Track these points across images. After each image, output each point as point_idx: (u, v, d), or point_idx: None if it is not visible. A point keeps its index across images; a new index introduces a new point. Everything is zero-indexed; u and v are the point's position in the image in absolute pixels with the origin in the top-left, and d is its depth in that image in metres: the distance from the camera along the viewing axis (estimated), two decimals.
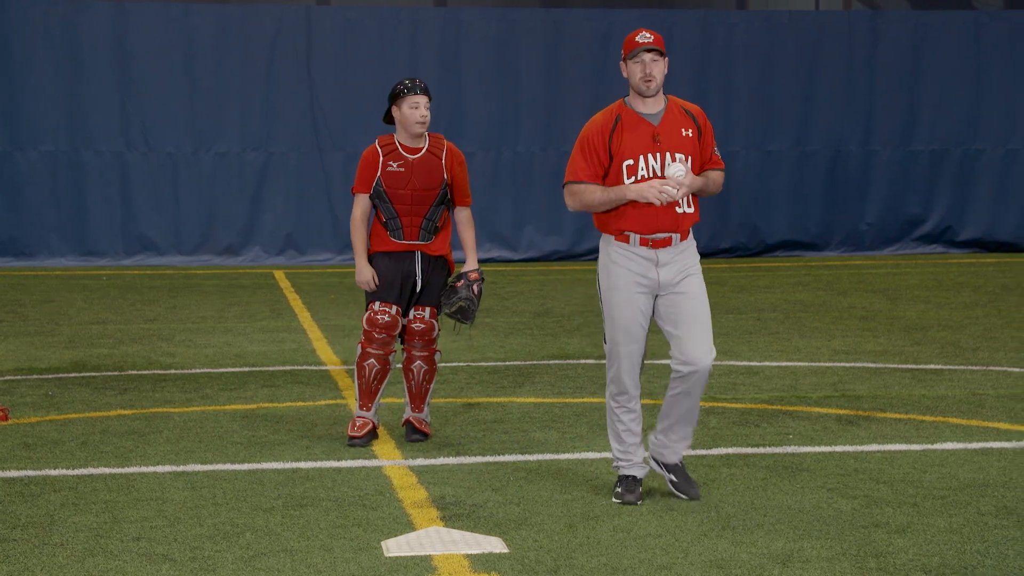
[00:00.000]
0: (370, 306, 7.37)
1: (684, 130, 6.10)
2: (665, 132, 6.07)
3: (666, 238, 6.09)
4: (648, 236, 6.08)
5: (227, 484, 6.45)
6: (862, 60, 19.44)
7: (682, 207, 6.08)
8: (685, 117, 6.13)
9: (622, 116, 6.10)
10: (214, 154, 18.52)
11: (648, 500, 6.14)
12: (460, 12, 19.31)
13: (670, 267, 6.10)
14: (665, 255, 6.10)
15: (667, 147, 6.05)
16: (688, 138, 6.10)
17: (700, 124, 6.15)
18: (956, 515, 5.84)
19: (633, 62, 6.08)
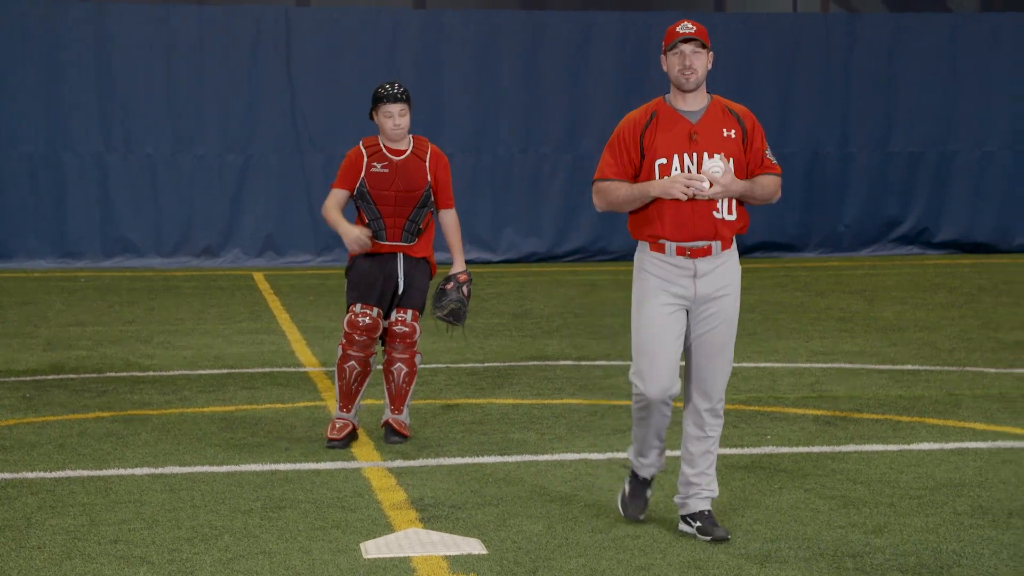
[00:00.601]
0: (351, 308, 7.38)
1: (726, 130, 5.60)
2: (703, 130, 5.58)
3: (705, 247, 5.56)
4: (685, 244, 5.56)
5: (205, 486, 6.45)
6: (839, 62, 19.52)
7: (721, 212, 5.56)
8: (728, 117, 5.64)
9: (658, 112, 5.65)
10: (193, 155, 18.48)
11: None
12: (440, 14, 19.32)
13: (709, 279, 5.58)
14: (704, 265, 5.57)
15: (704, 147, 5.55)
16: (730, 139, 5.59)
17: (747, 126, 5.65)
18: (932, 515, 5.88)
19: (672, 54, 5.61)
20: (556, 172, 19.12)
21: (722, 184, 5.48)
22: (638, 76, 19.13)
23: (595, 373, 9.64)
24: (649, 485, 5.87)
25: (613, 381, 9.28)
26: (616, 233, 19.21)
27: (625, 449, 7.17)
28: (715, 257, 5.58)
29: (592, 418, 8.03)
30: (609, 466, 6.82)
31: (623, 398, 8.65)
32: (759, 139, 5.66)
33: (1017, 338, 11.21)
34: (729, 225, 5.59)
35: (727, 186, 5.48)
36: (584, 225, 19.18)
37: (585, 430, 7.69)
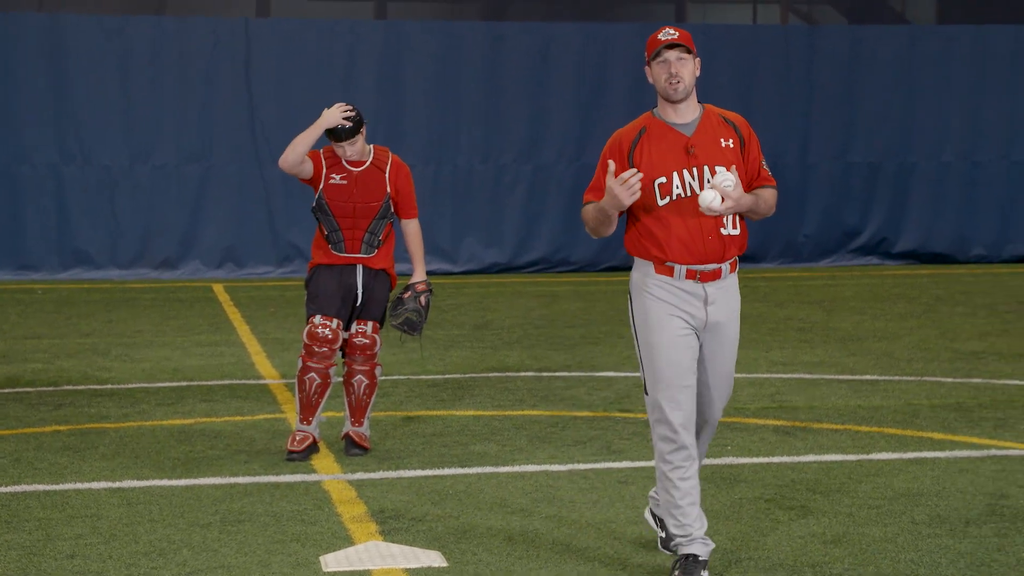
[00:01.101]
0: (310, 319, 7.35)
1: (723, 140, 5.21)
2: (700, 143, 5.19)
3: (715, 270, 5.18)
4: (696, 267, 5.16)
5: (163, 500, 6.40)
6: (799, 74, 19.63)
7: (727, 228, 5.17)
8: (724, 126, 5.25)
9: (648, 127, 5.25)
10: (151, 167, 18.36)
11: (589, 510, 6.16)
12: (400, 25, 19.30)
13: (719, 305, 5.21)
14: (714, 291, 5.20)
15: (704, 160, 5.15)
16: (728, 150, 5.21)
17: (743, 135, 5.27)
18: (891, 524, 5.90)
19: (656, 63, 5.19)
20: (517, 182, 19.13)
21: (733, 198, 5.07)
22: (598, 87, 19.19)
23: (556, 384, 9.64)
24: (703, 564, 5.16)
25: (574, 392, 9.28)
26: (578, 244, 19.23)
27: (586, 460, 7.17)
28: (723, 281, 5.22)
29: (553, 429, 8.03)
30: (570, 477, 6.82)
31: (583, 409, 8.65)
32: (755, 149, 5.30)
33: (974, 348, 11.29)
34: (735, 242, 5.21)
35: (738, 200, 5.09)
36: (545, 236, 19.19)
37: (546, 441, 7.68)
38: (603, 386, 9.53)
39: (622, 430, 7.97)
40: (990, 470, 6.88)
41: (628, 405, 8.76)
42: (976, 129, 20.09)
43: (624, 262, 19.25)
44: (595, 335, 12.29)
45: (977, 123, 20.09)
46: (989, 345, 11.45)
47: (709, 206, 5.05)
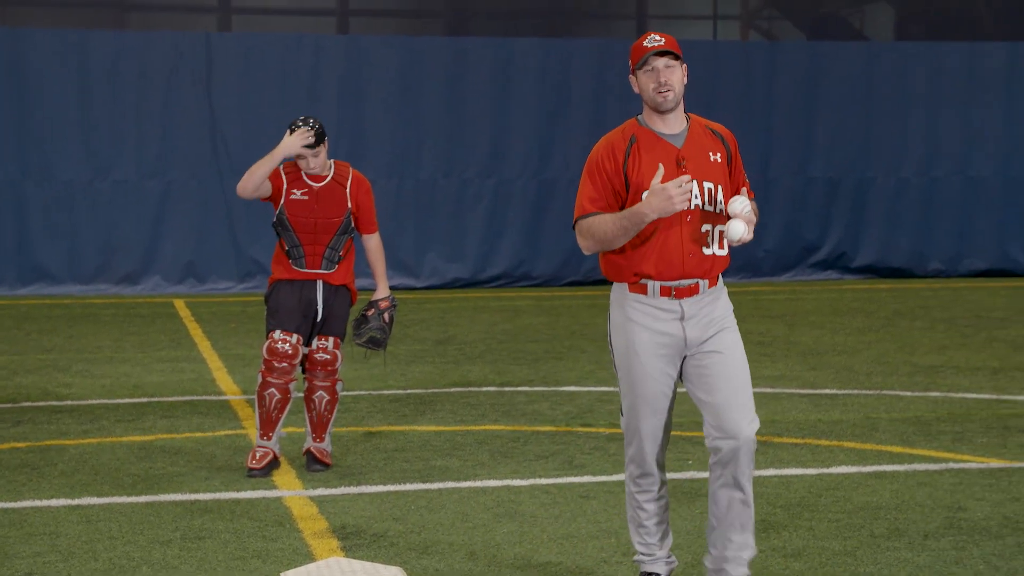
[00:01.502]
0: (270, 335, 7.34)
1: (712, 154, 5.01)
2: (690, 155, 4.98)
3: (692, 285, 4.96)
4: (670, 283, 4.96)
5: (123, 517, 6.37)
6: (760, 89, 19.75)
7: (712, 247, 4.96)
8: (712, 139, 5.06)
9: (638, 137, 5.01)
10: (112, 182, 18.27)
11: (551, 524, 6.17)
12: (362, 39, 19.30)
13: (697, 321, 4.97)
14: (691, 306, 4.96)
15: (693, 174, 4.93)
16: (716, 164, 5.00)
17: (731, 148, 5.08)
18: (850, 538, 5.94)
19: (644, 72, 4.98)
20: (479, 197, 19.16)
21: (753, 224, 4.92)
22: (560, 102, 19.25)
23: (518, 399, 9.65)
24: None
25: (536, 407, 9.30)
26: (540, 258, 19.28)
27: (547, 475, 7.19)
28: (702, 296, 4.98)
29: (515, 444, 8.04)
30: (532, 492, 6.83)
31: (546, 424, 8.67)
32: (741, 163, 5.15)
33: (932, 361, 11.38)
34: (720, 261, 5.01)
35: (751, 225, 4.93)
36: (507, 250, 19.23)
37: (508, 456, 7.69)
38: (565, 401, 9.55)
39: (584, 445, 7.99)
40: (948, 483, 6.94)
41: (590, 420, 8.79)
42: (933, 145, 20.28)
43: (586, 276, 19.32)
44: (557, 350, 12.31)
45: (934, 139, 20.28)
46: (947, 359, 11.54)
47: (742, 238, 4.87)
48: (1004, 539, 5.89)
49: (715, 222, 4.97)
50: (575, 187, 21.61)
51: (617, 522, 6.22)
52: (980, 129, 20.37)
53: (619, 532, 6.05)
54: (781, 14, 25.42)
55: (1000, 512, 6.34)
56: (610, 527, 6.14)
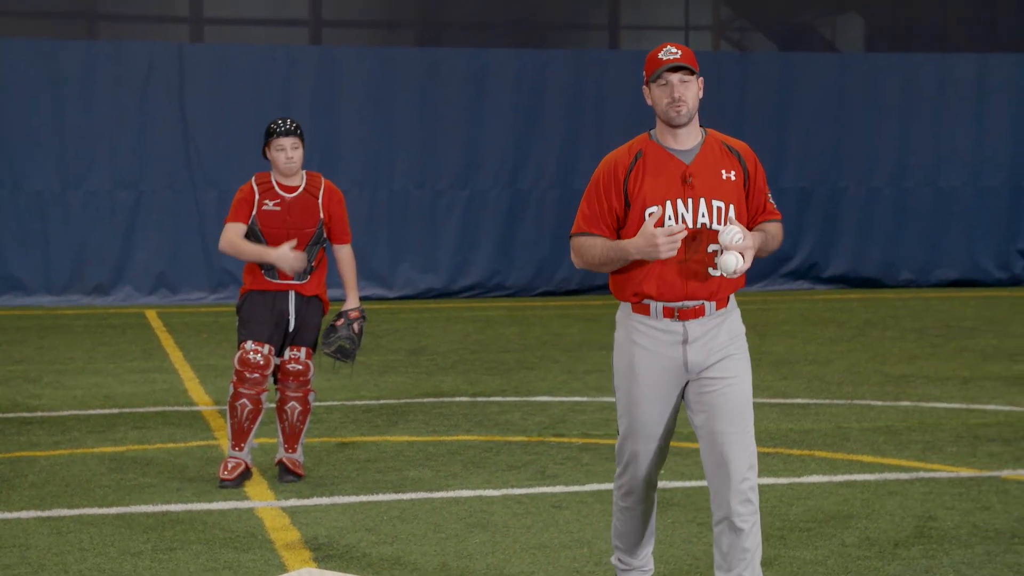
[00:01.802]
0: (242, 345, 7.32)
1: (725, 172, 4.81)
2: (699, 172, 4.78)
3: (696, 307, 4.79)
4: (673, 304, 4.79)
5: (94, 529, 6.34)
6: (731, 100, 19.82)
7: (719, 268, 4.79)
8: (727, 155, 4.85)
9: (645, 152, 4.83)
10: (84, 192, 18.21)
11: (523, 534, 6.17)
12: (335, 50, 19.29)
13: (701, 344, 4.80)
14: (696, 328, 4.79)
15: (701, 192, 4.76)
16: (730, 182, 4.79)
17: (748, 166, 4.86)
18: (821, 547, 5.97)
19: (657, 85, 4.82)
20: (452, 208, 19.17)
21: (750, 248, 4.71)
22: (533, 113, 19.29)
23: (490, 409, 9.66)
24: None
25: (508, 417, 9.30)
26: (512, 269, 19.30)
27: (520, 485, 7.20)
28: (708, 318, 4.79)
29: (487, 454, 8.04)
30: (504, 502, 6.83)
31: (518, 434, 8.68)
32: (762, 181, 4.88)
33: (903, 371, 11.44)
34: (729, 282, 4.82)
35: (752, 248, 4.73)
36: (480, 261, 19.24)
37: (480, 467, 7.70)
38: (538, 411, 9.56)
39: (556, 455, 8.00)
40: (919, 492, 6.98)
41: (563, 430, 8.80)
42: (904, 155, 20.40)
43: (559, 287, 19.35)
44: (530, 360, 12.32)
45: (905, 150, 20.40)
46: (917, 368, 11.61)
47: (735, 270, 4.69)
48: (974, 548, 5.93)
49: None
50: (548, 197, 21.80)
51: (589, 532, 6.23)
52: (950, 140, 20.50)
53: (591, 542, 6.07)
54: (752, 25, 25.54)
55: (970, 521, 6.38)
56: (582, 537, 6.15)
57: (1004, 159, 20.68)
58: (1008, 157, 20.68)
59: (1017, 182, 20.72)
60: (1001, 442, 8.27)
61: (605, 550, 5.93)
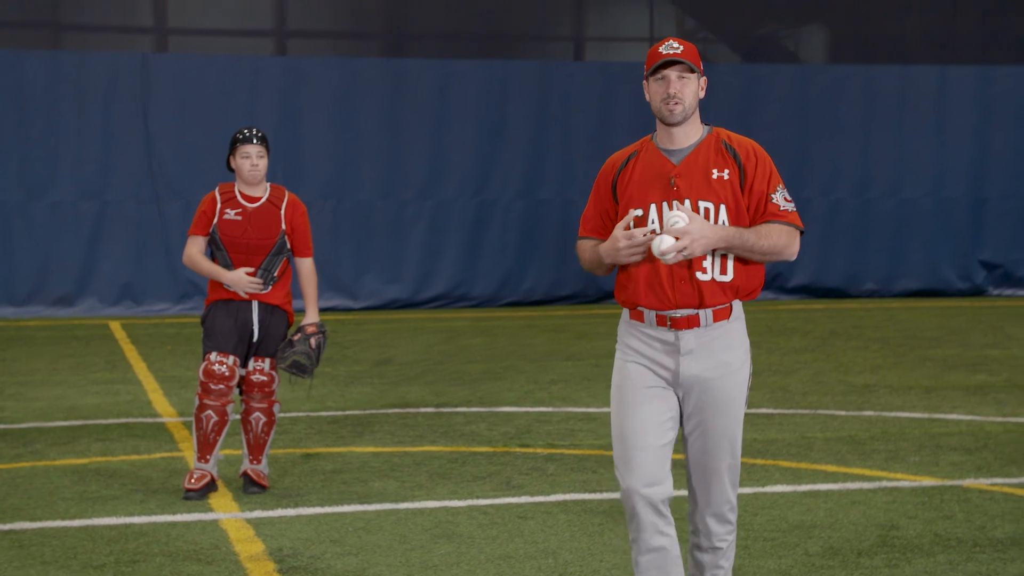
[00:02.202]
0: (207, 357, 7.30)
1: (716, 171, 4.51)
2: (686, 173, 4.51)
3: (691, 316, 4.49)
4: (665, 313, 4.51)
5: (56, 541, 6.31)
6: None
7: (710, 272, 4.48)
8: (722, 154, 4.55)
9: (640, 152, 4.62)
10: (48, 203, 18.12)
11: (488, 545, 6.18)
12: (300, 61, 19.28)
13: (697, 357, 4.50)
14: (690, 340, 4.49)
15: (686, 193, 4.49)
16: (721, 181, 4.49)
17: (743, 162, 4.53)
18: (785, 556, 6.00)
19: (655, 80, 4.58)
20: (418, 218, 19.17)
21: (690, 235, 4.33)
22: (498, 124, 19.32)
23: (456, 420, 9.66)
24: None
25: (473, 428, 9.31)
26: (478, 279, 19.31)
27: (485, 496, 7.20)
28: (705, 329, 4.49)
29: (453, 465, 8.04)
30: (469, 513, 6.83)
31: (483, 445, 8.68)
32: (762, 179, 4.55)
33: (866, 381, 11.51)
34: (721, 289, 4.48)
35: (695, 240, 4.34)
36: (446, 271, 19.24)
37: (446, 478, 7.69)
38: (503, 421, 9.57)
39: (522, 465, 8.01)
40: (882, 502, 7.02)
41: (528, 440, 8.81)
42: (866, 166, 20.54)
43: (525, 297, 19.38)
44: (496, 370, 12.33)
45: (867, 161, 20.55)
46: (881, 378, 11.68)
47: (660, 251, 4.35)
48: (936, 556, 5.97)
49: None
50: (514, 208, 21.83)
51: (555, 542, 6.24)
52: (912, 151, 20.66)
53: (556, 552, 6.08)
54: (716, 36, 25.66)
55: (932, 530, 6.42)
56: (547, 547, 6.16)
57: (965, 170, 20.86)
58: (969, 168, 20.87)
59: (978, 193, 20.90)
60: (963, 451, 8.33)
61: (570, 560, 5.94)
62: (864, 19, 22.72)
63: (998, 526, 6.48)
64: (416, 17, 21.36)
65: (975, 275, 20.86)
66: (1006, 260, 20.97)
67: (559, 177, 19.53)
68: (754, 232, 4.48)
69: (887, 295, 20.54)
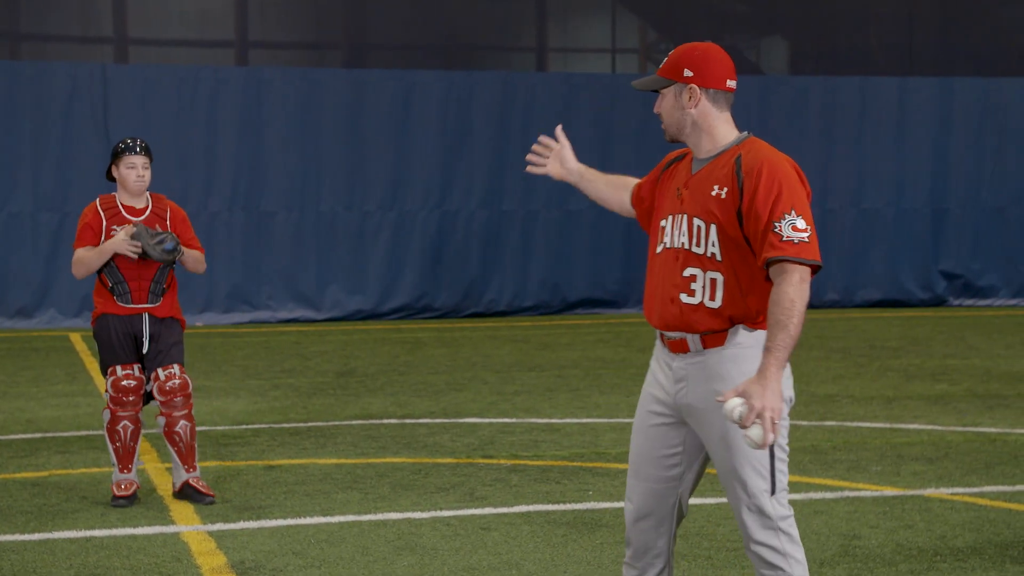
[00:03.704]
0: (111, 371, 7.34)
1: (717, 187, 4.11)
2: (694, 186, 4.18)
3: (679, 339, 4.16)
4: (665, 333, 4.21)
5: (15, 556, 6.25)
6: (657, 121, 19.91)
7: (697, 295, 4.10)
8: (727, 170, 4.12)
9: (685, 157, 4.36)
10: (7, 214, 17.98)
11: (452, 557, 6.16)
12: (262, 71, 19.22)
13: (691, 387, 4.13)
14: (683, 367, 4.15)
15: (687, 208, 4.17)
16: (718, 200, 4.10)
17: (743, 180, 4.06)
18: (748, 567, 6.00)
19: None
20: (380, 229, 19.14)
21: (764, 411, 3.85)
22: (460, 134, 19.32)
23: (419, 431, 9.63)
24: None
25: (437, 439, 9.28)
26: (441, 290, 19.28)
27: (448, 507, 7.18)
28: (694, 355, 4.13)
29: (416, 476, 8.02)
30: (433, 524, 6.81)
31: (447, 456, 8.66)
32: (764, 202, 4.02)
33: (828, 391, 11.56)
34: (712, 314, 4.09)
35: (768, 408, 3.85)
36: (409, 282, 19.21)
37: (409, 489, 7.67)
38: (467, 432, 9.55)
39: (485, 476, 7.99)
40: (844, 511, 7.04)
41: (491, 451, 8.79)
42: (827, 177, 20.66)
43: (488, 308, 19.37)
44: (459, 381, 12.31)
45: (828, 172, 20.67)
46: (842, 388, 11.73)
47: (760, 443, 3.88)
48: (897, 566, 6.00)
49: (706, 267, 4.10)
50: (476, 219, 21.81)
51: (518, 554, 6.23)
52: (872, 162, 20.80)
53: (520, 564, 6.07)
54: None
55: (893, 539, 6.45)
56: (511, 559, 6.15)
57: (925, 181, 21.02)
58: (929, 179, 21.03)
59: (938, 203, 21.06)
60: (924, 461, 8.38)
61: (534, 571, 5.93)
62: (825, 31, 22.88)
63: (959, 535, 6.51)
64: (378, 27, 21.35)
65: (936, 285, 21.00)
66: (966, 270, 21.13)
67: (522, 188, 19.55)
68: (779, 327, 3.93)
69: (848, 305, 20.65)
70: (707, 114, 4.23)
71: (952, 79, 21.25)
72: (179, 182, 17.30)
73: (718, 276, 4.08)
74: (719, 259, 4.09)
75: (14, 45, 20.13)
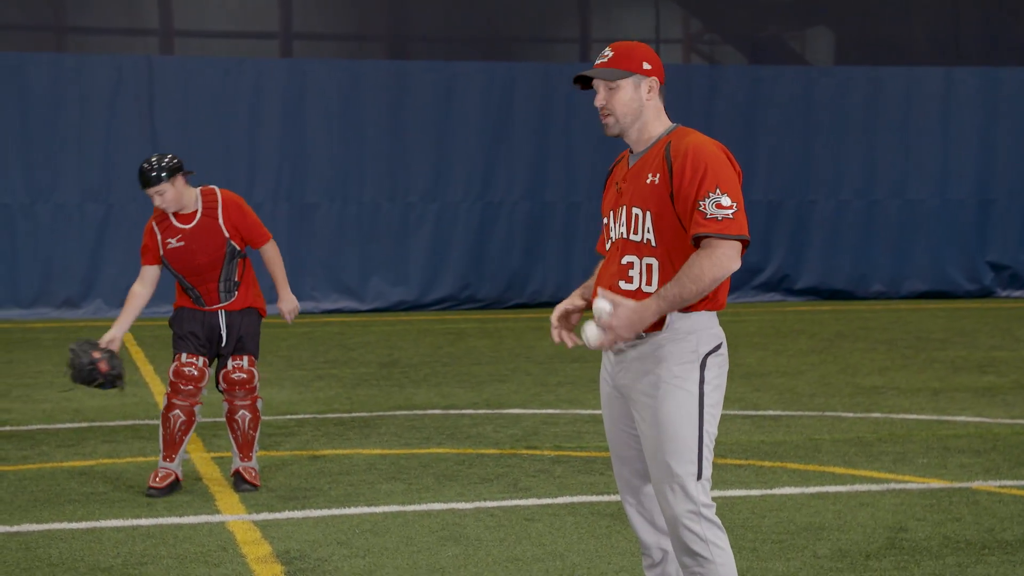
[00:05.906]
0: (177, 357, 7.36)
1: (651, 175, 4.20)
2: (631, 177, 4.27)
3: None
4: None
5: (63, 544, 6.30)
6: (700, 112, 19.89)
7: (635, 281, 4.19)
8: (659, 158, 4.20)
9: (620, 162, 4.46)
10: (53, 205, 18.13)
11: (496, 547, 6.16)
12: (304, 63, 19.27)
13: (627, 368, 4.26)
14: (622, 348, 4.28)
15: (626, 199, 4.26)
16: (652, 187, 4.18)
17: (672, 164, 4.14)
18: (793, 559, 5.97)
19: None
20: (423, 221, 19.16)
21: (614, 333, 4.10)
22: (502, 125, 19.31)
23: (462, 422, 9.64)
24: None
25: (480, 430, 9.29)
26: (484, 281, 19.29)
27: (492, 498, 7.18)
28: (635, 339, 4.22)
29: (460, 467, 8.02)
30: (477, 515, 6.82)
31: (490, 447, 8.67)
32: (691, 183, 4.11)
33: (874, 383, 11.48)
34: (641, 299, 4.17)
35: (619, 331, 4.09)
36: (451, 273, 19.23)
37: (452, 479, 7.68)
38: (510, 423, 9.55)
39: (528, 467, 7.99)
40: (890, 504, 7.00)
41: (535, 442, 8.79)
42: (872, 168, 20.52)
43: (531, 299, 19.37)
44: (502, 372, 12.31)
45: (873, 162, 20.53)
46: (888, 380, 11.65)
47: (593, 344, 4.16)
48: (944, 559, 5.95)
49: (642, 254, 4.19)
50: (519, 210, 21.81)
51: (562, 544, 6.22)
52: (917, 152, 20.65)
53: (564, 555, 6.06)
54: (723, 38, 25.66)
55: (940, 532, 6.40)
56: (555, 549, 6.14)
57: (970, 171, 20.84)
58: (974, 169, 20.85)
59: (984, 194, 20.88)
60: (971, 453, 8.31)
61: (578, 563, 5.92)
62: (870, 21, 22.69)
63: (1007, 528, 6.46)
64: (420, 19, 21.36)
65: (983, 276, 20.83)
66: (1014, 261, 20.95)
67: (564, 179, 19.53)
68: (677, 283, 4.06)
69: (894, 297, 20.51)
70: (657, 107, 4.34)
71: (998, 69, 21.04)
72: (222, 174, 17.37)
73: (654, 262, 4.19)
74: (654, 244, 4.19)
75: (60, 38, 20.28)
